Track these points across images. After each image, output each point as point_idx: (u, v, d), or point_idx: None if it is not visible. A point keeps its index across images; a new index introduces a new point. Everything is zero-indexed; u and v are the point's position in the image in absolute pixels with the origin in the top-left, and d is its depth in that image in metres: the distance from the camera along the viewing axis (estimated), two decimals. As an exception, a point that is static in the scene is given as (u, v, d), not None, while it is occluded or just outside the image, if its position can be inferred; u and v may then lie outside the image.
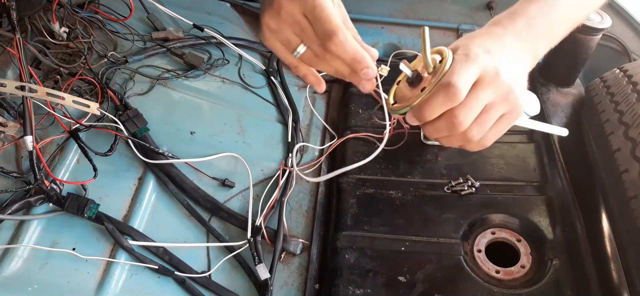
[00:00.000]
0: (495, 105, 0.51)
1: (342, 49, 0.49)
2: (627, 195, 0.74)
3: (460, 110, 0.49)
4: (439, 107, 0.49)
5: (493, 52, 0.50)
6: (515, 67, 0.52)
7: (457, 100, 0.48)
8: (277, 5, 0.49)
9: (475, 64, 0.49)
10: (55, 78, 0.95)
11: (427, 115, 0.50)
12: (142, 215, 0.86)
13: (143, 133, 0.91)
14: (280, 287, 0.81)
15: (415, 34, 1.26)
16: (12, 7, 0.78)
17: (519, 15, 0.55)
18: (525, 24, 0.54)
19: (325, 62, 0.51)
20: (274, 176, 0.93)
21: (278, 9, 0.49)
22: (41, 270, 0.76)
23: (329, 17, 0.48)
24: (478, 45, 0.51)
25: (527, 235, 0.81)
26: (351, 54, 0.50)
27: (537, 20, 0.55)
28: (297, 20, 0.49)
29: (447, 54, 0.50)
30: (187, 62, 1.07)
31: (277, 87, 1.10)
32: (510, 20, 0.55)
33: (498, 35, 0.53)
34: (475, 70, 0.49)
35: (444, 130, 0.52)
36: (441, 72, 0.50)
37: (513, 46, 0.53)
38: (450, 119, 0.50)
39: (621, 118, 0.81)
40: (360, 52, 0.50)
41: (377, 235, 0.83)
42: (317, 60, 0.51)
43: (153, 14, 1.15)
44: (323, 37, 0.48)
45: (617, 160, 0.78)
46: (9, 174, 0.81)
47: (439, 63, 0.51)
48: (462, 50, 0.51)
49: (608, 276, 0.76)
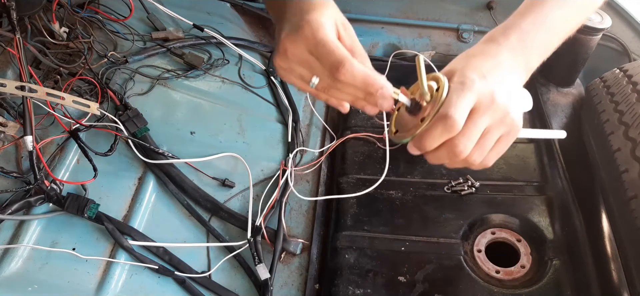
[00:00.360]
0: (493, 128, 0.52)
1: (351, 77, 0.50)
2: (627, 195, 0.74)
3: (460, 139, 0.51)
4: (439, 138, 0.51)
5: (488, 75, 0.52)
6: (511, 86, 0.53)
7: (456, 131, 0.50)
8: (283, 48, 0.51)
9: (470, 91, 0.50)
10: (55, 78, 0.94)
11: (428, 146, 0.52)
12: (142, 215, 0.86)
13: (143, 133, 0.91)
14: (280, 287, 0.81)
15: (415, 34, 1.27)
16: (12, 7, 0.78)
17: (513, 30, 0.56)
18: (519, 39, 0.56)
19: (340, 90, 0.52)
20: (274, 176, 0.93)
21: (284, 51, 0.51)
22: (41, 270, 0.76)
23: (332, 50, 0.49)
24: (473, 69, 0.52)
25: (527, 235, 0.81)
26: (361, 79, 0.51)
27: (531, 35, 0.56)
28: (304, 59, 0.51)
29: (443, 83, 0.51)
30: (187, 62, 1.07)
31: (277, 87, 1.10)
32: (504, 36, 0.56)
33: (492, 54, 0.54)
34: (471, 98, 0.50)
35: (446, 158, 0.53)
36: (438, 101, 0.51)
37: (508, 64, 0.54)
38: (450, 148, 0.51)
39: (621, 118, 0.81)
40: (370, 75, 0.51)
41: (377, 235, 0.83)
42: (332, 89, 0.52)
43: (153, 14, 1.15)
44: (331, 70, 0.50)
45: (617, 160, 0.78)
46: (9, 174, 0.81)
47: (436, 91, 0.52)
48: (458, 77, 0.52)
49: (608, 276, 0.76)
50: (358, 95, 0.53)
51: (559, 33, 0.58)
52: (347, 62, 0.49)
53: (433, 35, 1.27)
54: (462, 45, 1.24)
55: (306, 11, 0.51)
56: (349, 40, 0.54)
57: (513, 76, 0.54)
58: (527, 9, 0.58)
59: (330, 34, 0.51)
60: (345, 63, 0.49)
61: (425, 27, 1.28)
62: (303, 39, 0.50)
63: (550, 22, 0.57)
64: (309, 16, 0.50)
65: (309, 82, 0.53)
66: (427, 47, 1.26)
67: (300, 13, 0.51)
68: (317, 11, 0.51)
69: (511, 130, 0.53)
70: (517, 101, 0.53)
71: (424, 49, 1.25)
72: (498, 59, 0.54)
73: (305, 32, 0.50)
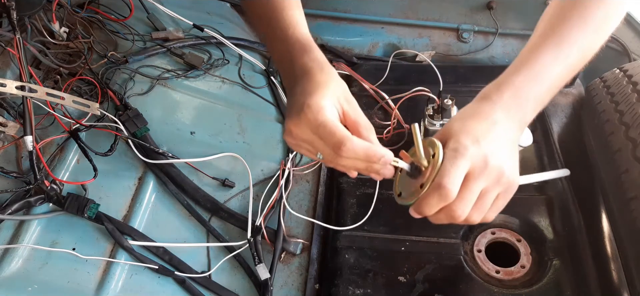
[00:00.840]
0: (489, 189, 0.55)
1: (353, 153, 0.53)
2: (627, 195, 0.74)
3: (457, 205, 0.54)
4: (435, 205, 0.54)
5: (482, 139, 0.54)
6: (506, 145, 0.55)
7: (450, 199, 0.53)
8: (288, 128, 0.56)
9: (463, 159, 0.53)
10: (55, 78, 0.95)
11: (426, 212, 0.56)
12: (142, 215, 0.86)
13: (143, 133, 0.91)
14: (280, 287, 0.81)
15: (415, 34, 1.27)
16: (12, 7, 0.78)
17: (506, 87, 0.58)
18: (512, 95, 0.57)
19: (344, 162, 0.55)
20: (274, 176, 0.93)
21: (290, 132, 0.56)
22: (41, 270, 0.76)
23: (333, 132, 0.53)
24: (467, 134, 0.54)
25: (527, 235, 0.81)
26: (363, 154, 0.54)
27: (524, 90, 0.57)
28: (308, 139, 0.55)
29: (438, 151, 0.54)
30: (187, 62, 1.07)
31: (277, 87, 1.10)
32: (498, 94, 0.58)
33: (486, 115, 0.56)
34: (465, 165, 0.53)
35: (445, 220, 0.56)
36: (434, 169, 0.54)
37: (502, 123, 0.56)
38: (448, 213, 0.55)
39: (621, 119, 0.81)
40: (371, 149, 0.54)
41: (377, 235, 0.83)
42: (337, 161, 0.55)
43: (153, 14, 1.15)
44: (334, 148, 0.53)
45: (617, 161, 0.78)
46: (9, 174, 0.81)
47: (432, 157, 0.55)
48: (452, 143, 0.55)
49: (608, 276, 0.76)
50: (361, 166, 0.56)
51: (553, 86, 0.59)
52: (348, 141, 0.53)
53: (433, 35, 1.27)
54: (462, 45, 1.24)
55: (308, 93, 0.54)
56: (353, 114, 0.57)
57: (508, 134, 0.56)
58: (521, 63, 0.59)
59: (331, 115, 0.54)
60: (346, 142, 0.52)
61: (425, 27, 1.28)
62: (306, 122, 0.53)
63: (544, 76, 0.58)
64: (310, 99, 0.54)
65: (315, 155, 0.57)
66: (427, 47, 1.26)
67: (303, 95, 0.55)
68: (319, 93, 0.54)
69: (508, 188, 0.56)
70: (512, 158, 0.56)
71: (424, 48, 1.25)
72: (492, 119, 0.56)
73: (307, 116, 0.53)
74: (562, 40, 0.58)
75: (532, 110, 0.58)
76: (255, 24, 0.71)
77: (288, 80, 0.61)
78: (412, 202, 0.56)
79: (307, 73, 0.57)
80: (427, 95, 0.95)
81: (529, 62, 0.58)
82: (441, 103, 0.90)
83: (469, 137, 0.54)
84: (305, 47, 0.60)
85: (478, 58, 1.23)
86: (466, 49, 1.24)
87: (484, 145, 0.54)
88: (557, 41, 0.58)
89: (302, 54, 0.59)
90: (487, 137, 0.54)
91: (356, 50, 1.25)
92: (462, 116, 0.58)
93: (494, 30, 1.22)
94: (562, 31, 0.59)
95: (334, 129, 0.53)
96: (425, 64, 1.11)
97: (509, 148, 0.56)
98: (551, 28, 0.60)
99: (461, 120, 0.57)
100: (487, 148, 0.53)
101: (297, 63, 0.59)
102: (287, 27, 0.61)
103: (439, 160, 0.54)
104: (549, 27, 0.61)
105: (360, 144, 0.54)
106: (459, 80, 1.07)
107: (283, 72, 0.63)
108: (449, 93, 0.92)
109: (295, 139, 0.56)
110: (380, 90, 1.06)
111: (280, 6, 0.63)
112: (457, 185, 0.52)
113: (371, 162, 0.55)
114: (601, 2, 0.60)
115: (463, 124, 0.56)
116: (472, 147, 0.53)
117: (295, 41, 0.60)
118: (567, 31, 0.59)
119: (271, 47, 0.66)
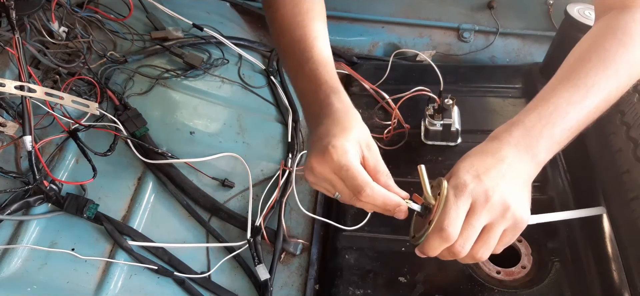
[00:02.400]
0: (494, 225, 0.54)
1: (372, 200, 0.55)
2: (628, 195, 0.74)
3: (459, 244, 0.54)
4: (438, 247, 0.55)
5: (484, 175, 0.54)
6: (513, 181, 0.54)
7: (452, 240, 0.53)
8: (310, 165, 0.57)
9: (463, 197, 0.53)
10: (54, 78, 0.94)
11: (430, 253, 0.56)
12: (141, 215, 0.85)
13: (142, 133, 0.91)
14: (280, 287, 0.81)
15: (415, 34, 1.26)
16: (11, 6, 0.78)
17: (516, 126, 0.57)
18: (523, 134, 0.56)
19: (361, 205, 0.57)
20: (273, 176, 0.93)
21: (312, 169, 0.57)
22: (40, 270, 0.76)
23: (355, 176, 0.54)
24: (467, 171, 0.54)
25: (527, 236, 0.81)
26: (381, 203, 0.56)
27: (535, 130, 0.56)
28: (329, 178, 0.56)
29: (443, 190, 0.54)
30: (187, 61, 1.07)
31: (277, 87, 1.10)
32: (507, 133, 0.57)
33: (493, 152, 0.56)
34: (465, 203, 0.53)
35: (450, 257, 0.56)
36: (437, 210, 0.54)
37: (510, 159, 0.55)
38: (452, 252, 0.55)
39: (622, 119, 0.81)
40: (389, 197, 0.56)
41: (377, 235, 0.83)
42: (354, 202, 0.57)
43: (152, 13, 1.15)
44: (353, 191, 0.55)
45: (618, 161, 0.78)
46: (8, 174, 0.81)
47: (438, 195, 0.55)
48: (453, 181, 0.55)
49: (609, 276, 0.76)
50: (376, 210, 0.58)
51: (570, 127, 0.57)
52: (368, 187, 0.54)
53: (433, 35, 1.26)
54: (463, 45, 1.24)
55: (333, 135, 0.56)
56: (372, 160, 0.58)
57: (517, 170, 0.55)
58: (535, 105, 0.58)
59: (354, 159, 0.55)
60: (366, 188, 0.54)
61: (426, 26, 1.28)
62: (329, 162, 0.55)
63: (557, 117, 0.56)
64: (335, 141, 0.55)
65: (333, 195, 0.58)
66: (428, 47, 1.26)
67: (328, 136, 0.56)
68: (344, 136, 0.56)
69: (516, 224, 0.54)
70: (519, 193, 0.54)
71: (424, 48, 1.25)
72: (498, 155, 0.55)
73: (332, 156, 0.54)
74: (579, 81, 0.58)
75: (545, 149, 0.56)
76: (281, 54, 0.71)
77: (312, 118, 0.62)
78: (423, 238, 0.57)
79: (334, 114, 0.59)
80: (427, 95, 0.95)
81: (542, 103, 0.58)
82: (442, 103, 0.90)
83: (470, 173, 0.54)
84: (334, 88, 0.61)
85: (479, 58, 1.23)
86: (467, 48, 1.24)
87: (485, 180, 0.53)
88: (573, 83, 0.58)
89: (330, 94, 0.60)
90: (490, 172, 0.54)
91: (356, 50, 1.25)
92: (468, 154, 0.58)
93: (495, 29, 1.22)
94: (580, 73, 0.58)
95: (356, 173, 0.54)
96: (426, 64, 1.11)
97: (517, 184, 0.55)
98: (569, 70, 0.60)
99: (467, 158, 0.57)
100: (489, 183, 0.53)
101: (325, 102, 0.60)
102: (317, 66, 0.63)
103: (443, 200, 0.54)
104: (567, 69, 0.60)
105: (379, 191, 0.55)
106: (460, 80, 1.07)
107: (306, 107, 0.64)
108: (449, 93, 0.92)
109: (316, 177, 0.57)
110: (380, 90, 1.05)
111: (311, 44, 0.64)
112: (457, 225, 0.53)
113: (387, 209, 0.57)
114: (622, 46, 0.59)
115: (468, 162, 0.56)
116: (472, 183, 0.53)
117: (324, 82, 0.62)
118: (584, 73, 0.58)
119: (296, 80, 0.67)
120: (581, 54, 0.61)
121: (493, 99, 1.04)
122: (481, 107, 1.03)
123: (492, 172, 0.54)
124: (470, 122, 0.98)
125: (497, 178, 0.53)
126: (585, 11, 0.94)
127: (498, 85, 1.07)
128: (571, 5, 0.94)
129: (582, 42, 0.64)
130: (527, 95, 1.04)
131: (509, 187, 0.54)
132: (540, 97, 0.59)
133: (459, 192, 0.53)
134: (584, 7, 0.94)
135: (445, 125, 0.91)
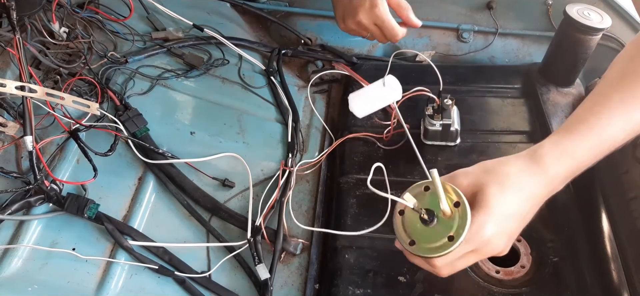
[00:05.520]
0: (472, 257, 0.61)
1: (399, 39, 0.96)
2: (628, 195, 0.74)
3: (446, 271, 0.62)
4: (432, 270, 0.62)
5: (508, 237, 0.60)
6: (520, 228, 0.61)
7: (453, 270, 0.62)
8: (357, 19, 0.94)
9: (476, 244, 0.58)
10: (55, 78, 0.94)
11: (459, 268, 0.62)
12: (142, 215, 0.86)
13: (143, 133, 0.91)
14: (280, 287, 0.81)
15: (415, 34, 1.26)
16: (12, 7, 0.78)
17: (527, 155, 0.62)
18: (548, 179, 0.61)
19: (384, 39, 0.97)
20: (274, 176, 0.93)
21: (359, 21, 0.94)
22: (41, 270, 0.76)
23: (392, 27, 0.95)
24: (498, 225, 0.58)
25: (527, 235, 0.81)
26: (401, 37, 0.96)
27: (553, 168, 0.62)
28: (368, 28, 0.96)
29: (467, 222, 0.56)
30: (187, 62, 1.07)
31: (277, 87, 1.10)
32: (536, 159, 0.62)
33: (521, 204, 0.60)
34: (474, 246, 0.58)
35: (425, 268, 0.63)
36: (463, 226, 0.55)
37: (530, 205, 0.61)
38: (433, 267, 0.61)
39: (621, 119, 0.81)
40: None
41: (377, 235, 0.83)
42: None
43: (153, 13, 1.15)
44: (390, 37, 0.96)
45: (617, 161, 0.79)
46: (8, 174, 0.81)
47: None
48: (480, 218, 0.57)
49: (608, 276, 0.76)
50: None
51: (581, 163, 0.63)
52: (401, 33, 0.98)
53: (433, 35, 1.26)
54: (462, 45, 1.24)
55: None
56: None
57: (530, 211, 0.62)
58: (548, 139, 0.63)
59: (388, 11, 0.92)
60: (399, 36, 0.97)
61: (425, 27, 1.27)
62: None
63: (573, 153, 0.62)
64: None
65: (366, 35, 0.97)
66: (427, 47, 1.26)
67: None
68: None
69: (485, 255, 0.62)
70: (510, 235, 0.61)
71: (423, 48, 1.25)
72: (523, 208, 0.61)
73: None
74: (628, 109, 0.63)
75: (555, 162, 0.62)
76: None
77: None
78: (438, 255, 0.57)
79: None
80: (427, 95, 0.95)
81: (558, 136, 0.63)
82: (441, 103, 0.90)
83: (498, 231, 0.58)
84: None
85: (478, 58, 1.23)
86: (466, 48, 1.24)
87: (506, 241, 0.60)
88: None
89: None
90: (513, 235, 0.60)
91: (356, 50, 1.25)
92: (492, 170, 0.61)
93: (494, 30, 1.22)
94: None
95: (392, 26, 0.95)
96: (425, 64, 1.11)
97: (520, 228, 0.61)
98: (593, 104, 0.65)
99: (498, 206, 0.58)
100: (501, 243, 0.60)
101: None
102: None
103: (468, 221, 0.55)
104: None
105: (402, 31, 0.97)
106: (459, 80, 1.07)
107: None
108: (449, 93, 0.92)
109: (358, 25, 0.94)
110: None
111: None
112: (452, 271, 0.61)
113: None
114: None
115: (499, 214, 0.58)
116: (495, 240, 0.59)
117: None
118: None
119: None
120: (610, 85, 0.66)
121: (492, 99, 1.04)
122: (480, 107, 1.03)
123: (514, 234, 0.60)
124: (470, 122, 0.98)
125: (512, 238, 0.61)
126: (585, 11, 0.94)
127: (497, 85, 1.07)
128: (570, 6, 0.95)
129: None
130: (526, 95, 1.04)
131: (513, 238, 0.61)
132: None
133: (476, 239, 0.57)
134: (583, 8, 0.94)
135: (445, 125, 0.91)
